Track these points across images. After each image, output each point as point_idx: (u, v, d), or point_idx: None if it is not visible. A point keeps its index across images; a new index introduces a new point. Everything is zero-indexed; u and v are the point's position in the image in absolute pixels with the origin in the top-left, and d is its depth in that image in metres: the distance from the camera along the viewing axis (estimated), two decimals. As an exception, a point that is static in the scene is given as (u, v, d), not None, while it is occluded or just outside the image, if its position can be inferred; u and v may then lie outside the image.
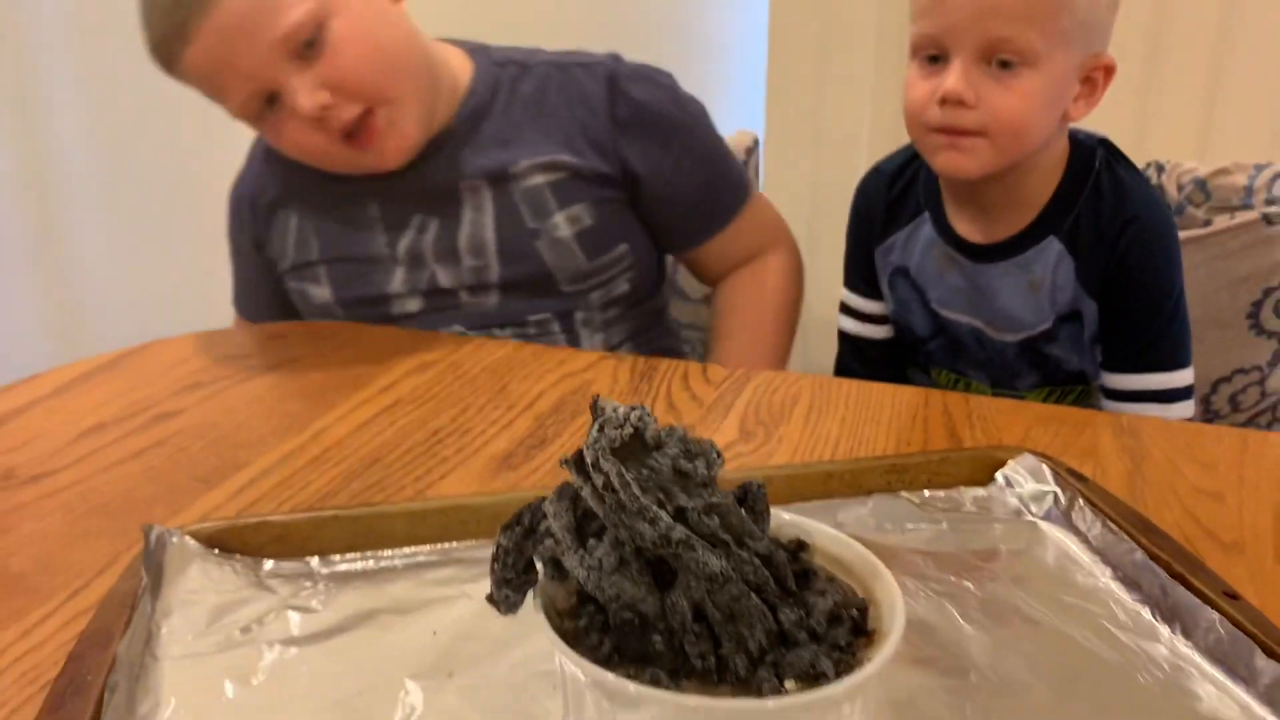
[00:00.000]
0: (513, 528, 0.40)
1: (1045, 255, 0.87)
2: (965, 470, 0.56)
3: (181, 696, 0.41)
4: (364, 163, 0.91)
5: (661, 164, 0.98)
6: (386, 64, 0.88)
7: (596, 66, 0.98)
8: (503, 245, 0.94)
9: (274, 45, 0.83)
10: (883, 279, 0.98)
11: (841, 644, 0.37)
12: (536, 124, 0.95)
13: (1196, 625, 0.44)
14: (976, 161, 0.82)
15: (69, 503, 0.58)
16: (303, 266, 0.97)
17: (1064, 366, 0.92)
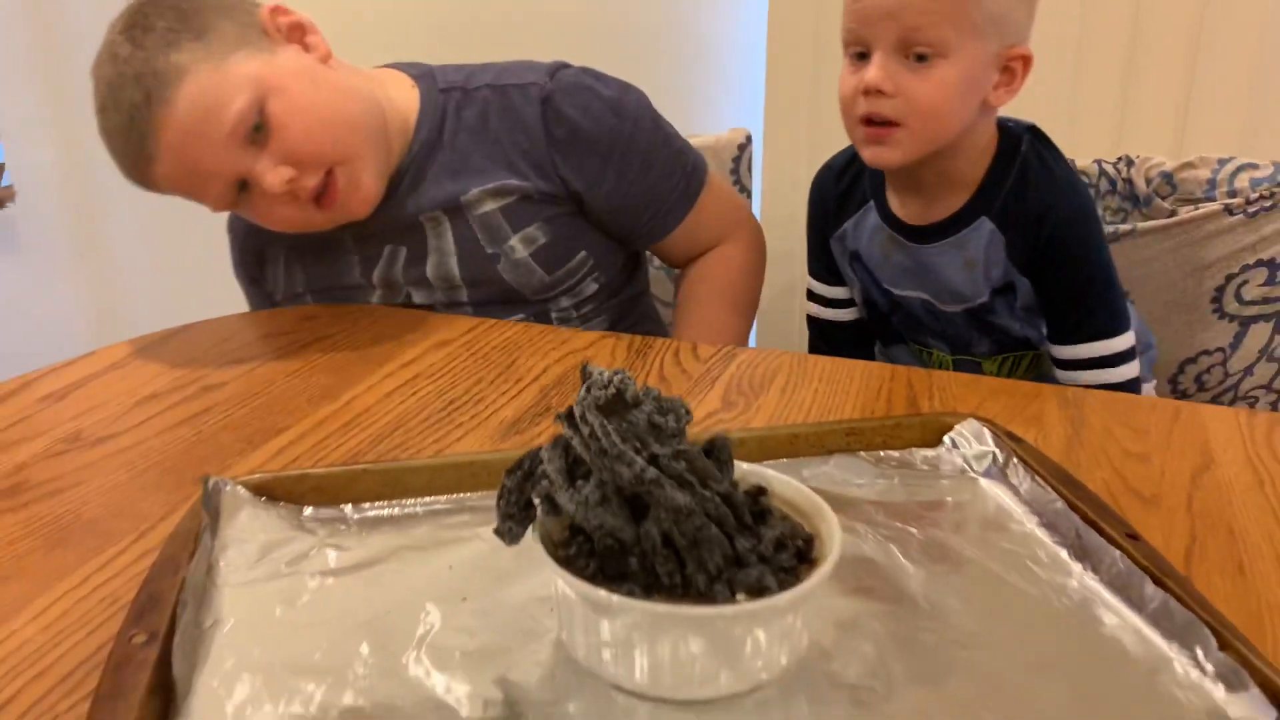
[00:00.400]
0: (515, 471, 0.48)
1: (978, 234, 0.94)
2: (917, 433, 0.64)
3: (239, 615, 0.49)
4: (338, 220, 0.96)
5: (603, 177, 1.01)
6: (331, 128, 0.91)
7: (530, 87, 0.99)
8: (466, 273, 1.00)
9: (227, 140, 0.87)
10: (841, 265, 1.06)
11: (786, 566, 0.45)
12: (482, 151, 0.99)
13: (1102, 562, 0.52)
14: (899, 151, 0.89)
15: (131, 461, 0.66)
16: (293, 297, 1.04)
17: (1011, 333, 0.99)
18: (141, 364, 0.81)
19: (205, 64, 0.85)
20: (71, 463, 0.66)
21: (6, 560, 0.55)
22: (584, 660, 0.45)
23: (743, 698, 0.44)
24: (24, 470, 0.65)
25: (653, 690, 0.44)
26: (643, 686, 0.44)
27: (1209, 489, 0.62)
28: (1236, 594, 0.52)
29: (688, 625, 0.42)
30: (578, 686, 0.45)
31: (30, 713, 0.44)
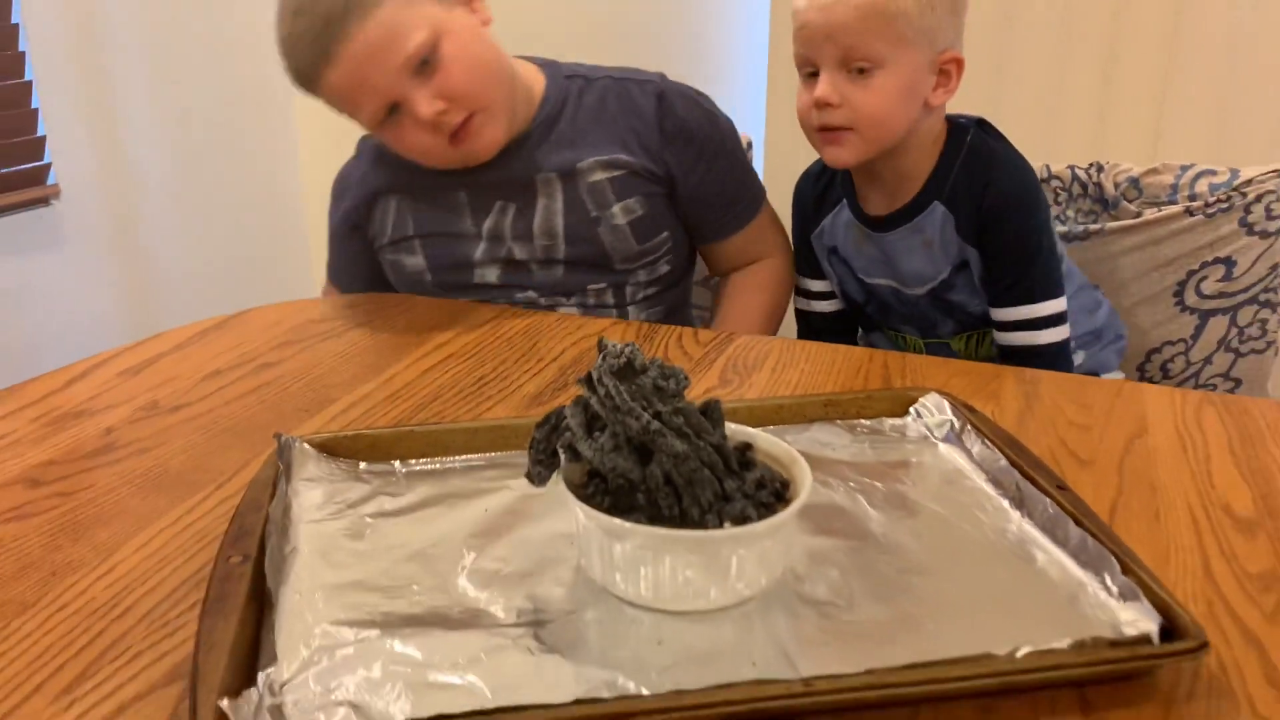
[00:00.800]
0: (543, 425, 0.57)
1: (933, 217, 1.05)
2: (886, 405, 0.74)
3: (313, 545, 0.59)
4: (462, 159, 1.10)
5: (695, 170, 1.17)
6: (484, 77, 1.07)
7: (648, 84, 1.16)
8: (569, 230, 1.13)
9: (399, 66, 1.01)
10: (821, 260, 1.17)
11: (765, 502, 0.54)
12: (598, 129, 1.14)
13: (1036, 509, 0.61)
14: (851, 151, 1.02)
15: (204, 425, 0.76)
16: (400, 241, 1.17)
17: (969, 310, 1.10)
18: (204, 344, 0.91)
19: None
20: (153, 426, 0.76)
21: (109, 504, 0.66)
22: (599, 579, 0.55)
23: (730, 610, 0.54)
24: (113, 433, 0.75)
25: (655, 603, 0.53)
26: (647, 600, 0.53)
27: (1139, 454, 0.71)
28: (1150, 537, 0.62)
29: (684, 547, 0.52)
30: (594, 600, 0.55)
31: (146, 618, 0.54)
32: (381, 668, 0.49)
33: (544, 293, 1.16)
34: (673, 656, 0.50)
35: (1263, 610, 0.55)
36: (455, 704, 0.45)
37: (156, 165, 1.91)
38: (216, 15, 1.97)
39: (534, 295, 1.16)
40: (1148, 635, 0.50)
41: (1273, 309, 1.23)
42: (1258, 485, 0.68)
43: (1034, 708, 0.47)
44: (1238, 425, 0.76)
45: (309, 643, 0.50)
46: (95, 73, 1.80)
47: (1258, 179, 1.20)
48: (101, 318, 1.87)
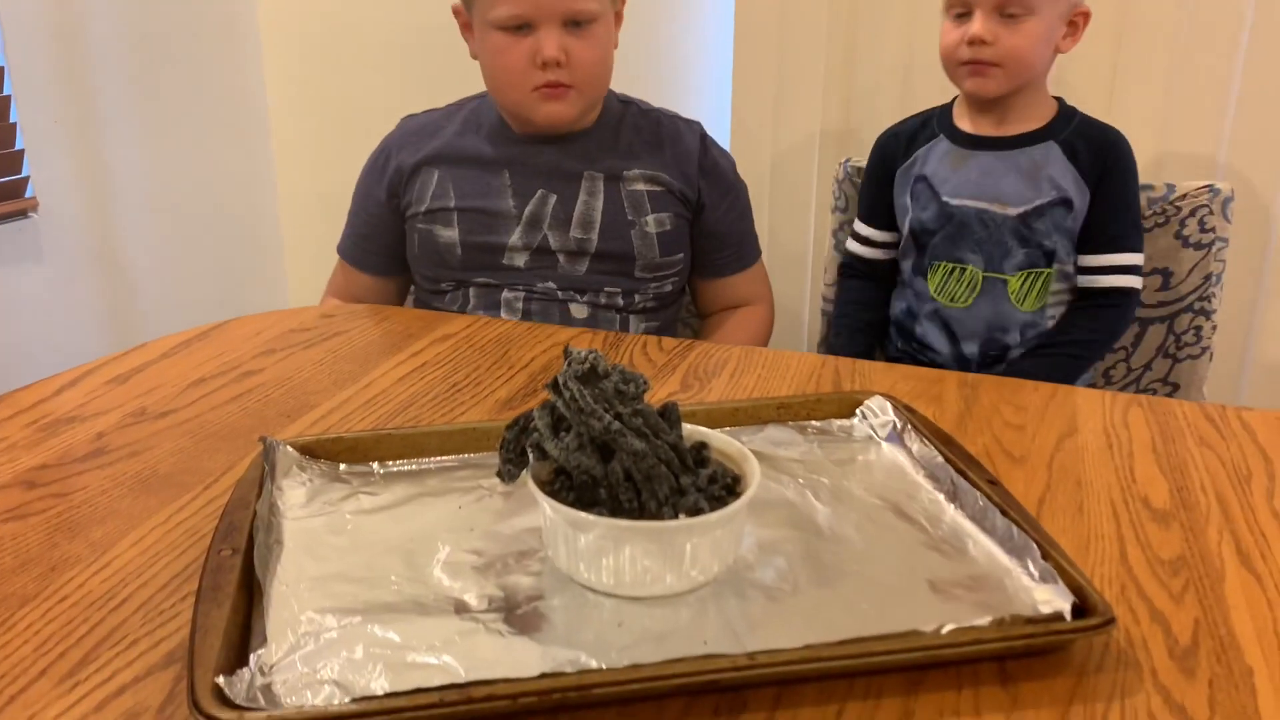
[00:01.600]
0: (513, 427, 0.62)
1: (1046, 152, 1.23)
2: (834, 407, 0.79)
3: (297, 540, 0.63)
4: (531, 110, 1.21)
5: (718, 207, 1.31)
6: (601, 72, 1.23)
7: (694, 124, 1.33)
8: (606, 225, 1.24)
9: (565, 11, 1.15)
10: (900, 196, 1.31)
11: (717, 496, 0.59)
12: (648, 149, 1.28)
13: (968, 501, 0.66)
14: (995, 84, 1.21)
15: (191, 430, 0.80)
16: (437, 211, 1.25)
17: (1044, 245, 1.23)
18: (188, 353, 0.95)
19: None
20: (142, 431, 0.80)
21: (102, 505, 0.69)
22: (564, 568, 0.59)
23: (685, 595, 0.58)
24: (103, 438, 0.79)
25: (616, 589, 0.58)
26: (609, 586, 0.58)
27: (1068, 451, 0.77)
28: (1073, 527, 0.67)
29: (642, 536, 0.56)
30: (560, 588, 0.59)
31: (143, 608, 0.58)
32: (363, 650, 0.53)
33: (562, 286, 1.24)
34: (632, 637, 0.55)
35: (1170, 592, 0.60)
36: (431, 680, 0.50)
37: (135, 178, 1.93)
38: (196, 29, 2.00)
39: (553, 287, 1.24)
40: (1060, 613, 0.55)
41: (1207, 316, 1.30)
42: (1175, 479, 0.73)
43: (958, 680, 0.52)
44: (1161, 425, 0.82)
45: (295, 629, 0.55)
46: (74, 86, 1.83)
47: (1191, 193, 1.27)
48: (81, 329, 1.89)
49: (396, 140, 1.31)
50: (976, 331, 1.27)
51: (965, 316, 1.26)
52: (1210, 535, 0.66)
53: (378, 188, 1.30)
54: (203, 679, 0.48)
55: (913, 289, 1.32)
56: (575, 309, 1.24)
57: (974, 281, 1.26)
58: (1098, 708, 0.50)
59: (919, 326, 1.31)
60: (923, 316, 1.30)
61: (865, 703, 0.51)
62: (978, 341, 1.27)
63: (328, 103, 2.12)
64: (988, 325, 1.26)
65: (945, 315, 1.28)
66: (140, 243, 1.96)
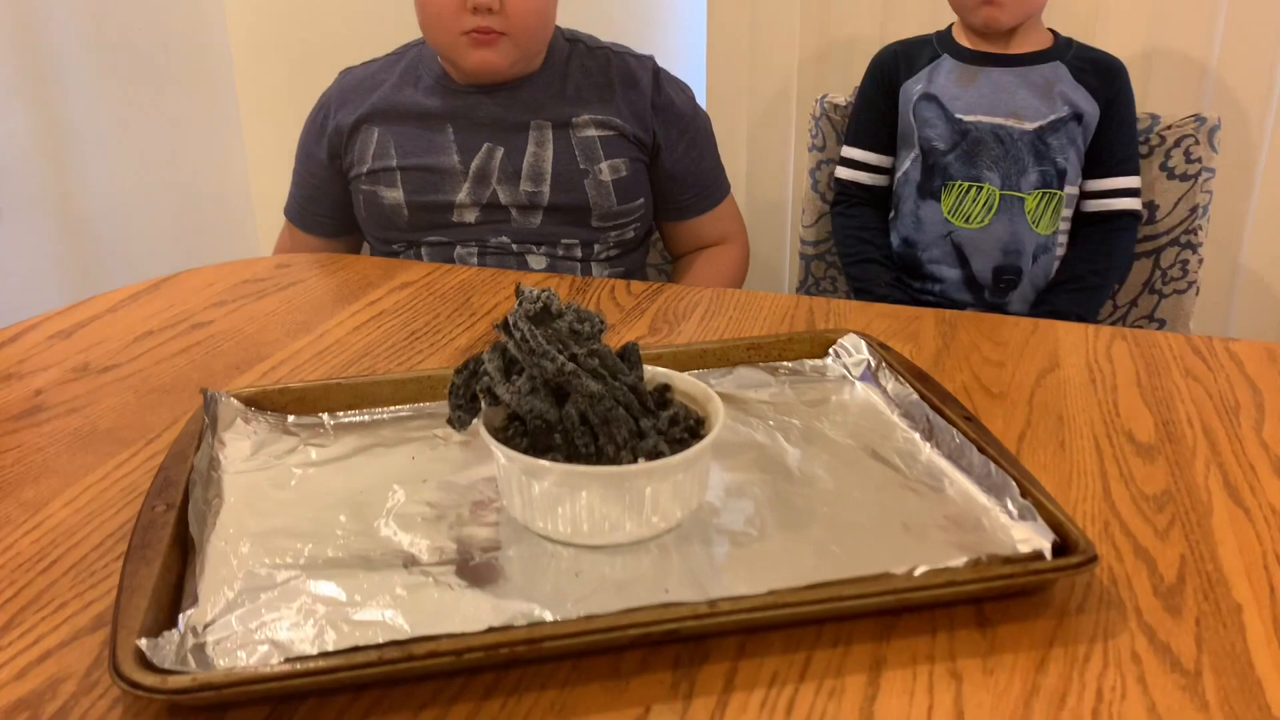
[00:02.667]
0: (462, 371, 0.59)
1: (1055, 71, 1.23)
2: (806, 347, 0.75)
3: (238, 495, 0.60)
4: (460, 56, 1.14)
5: (676, 146, 1.24)
6: (537, 24, 1.15)
7: (646, 60, 1.25)
8: (557, 176, 1.18)
9: None
10: (909, 112, 1.27)
11: (679, 439, 0.56)
12: (597, 92, 1.20)
13: (943, 439, 0.64)
14: (1008, 14, 1.21)
15: (135, 385, 0.77)
16: (379, 171, 1.19)
17: (1058, 162, 1.22)
18: (136, 306, 0.91)
19: None
20: (83, 387, 0.76)
21: (36, 463, 0.66)
22: (520, 517, 0.56)
23: (647, 542, 0.55)
24: (41, 395, 0.75)
25: (574, 538, 0.55)
26: (566, 535, 0.55)
27: (1049, 387, 0.74)
28: (1054, 464, 0.64)
29: (598, 482, 0.53)
30: (515, 538, 0.56)
31: (73, 569, 0.55)
32: (303, 608, 0.50)
33: (517, 239, 1.19)
34: (589, 587, 0.52)
35: (1155, 528, 0.58)
36: (374, 638, 0.47)
37: (94, 133, 1.87)
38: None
39: (507, 241, 1.19)
40: (1040, 551, 0.52)
41: (1193, 250, 1.27)
42: (1160, 413, 0.70)
43: (933, 624, 0.50)
44: (1146, 358, 0.79)
45: (232, 586, 0.51)
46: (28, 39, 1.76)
47: (1176, 124, 1.23)
48: (41, 286, 1.84)
49: (335, 97, 1.24)
50: (990, 253, 1.24)
51: (980, 237, 1.24)
52: (1197, 469, 0.64)
53: (318, 148, 1.24)
54: (126, 642, 0.45)
55: (916, 215, 1.29)
56: (533, 260, 1.19)
57: (990, 201, 1.24)
58: (1079, 649, 0.48)
59: (924, 254, 1.28)
60: (929, 243, 1.27)
61: (834, 650, 0.48)
62: (990, 264, 1.24)
63: (292, 49, 2.05)
64: (1003, 247, 1.23)
65: (958, 239, 1.24)
66: (102, 201, 1.90)
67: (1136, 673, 0.46)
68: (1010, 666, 0.47)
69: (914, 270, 1.29)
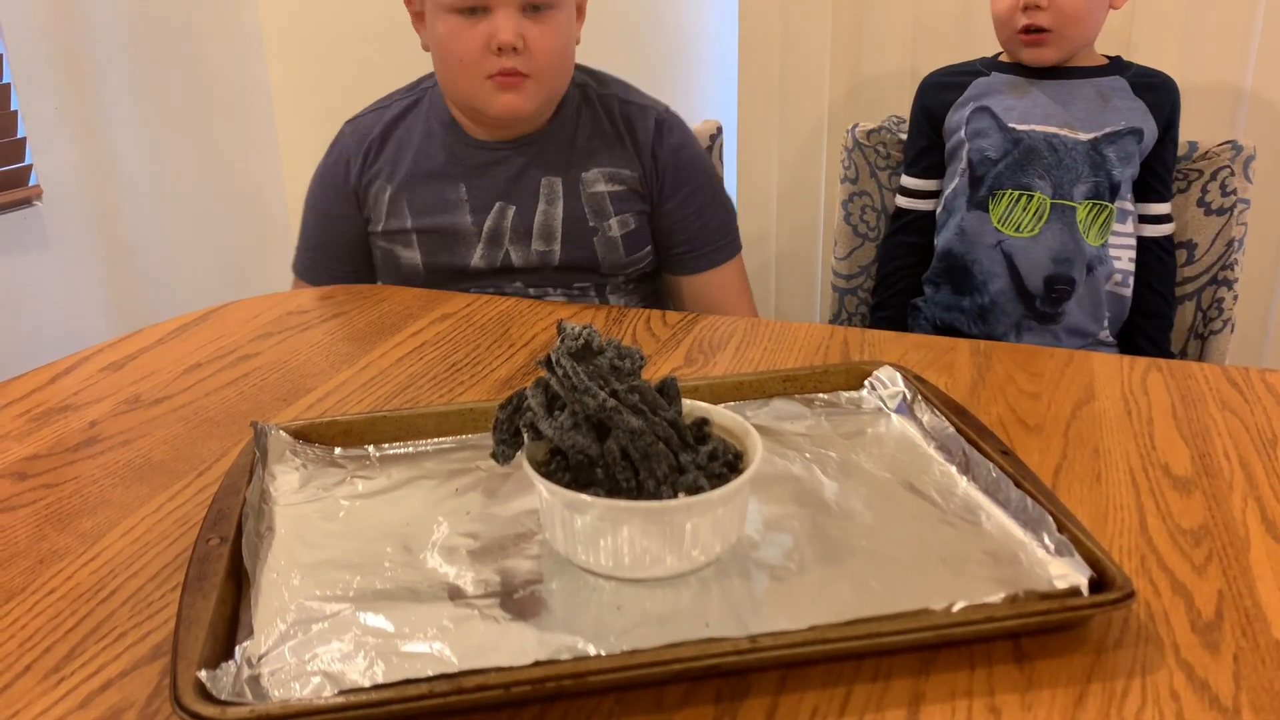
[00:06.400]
0: (506, 406, 0.60)
1: (1114, 83, 1.23)
2: (842, 379, 0.76)
3: (289, 527, 0.62)
4: (485, 102, 1.13)
5: (673, 195, 1.22)
6: (561, 65, 1.14)
7: (650, 109, 1.22)
8: (567, 234, 1.17)
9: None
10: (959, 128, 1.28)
11: (718, 473, 0.57)
12: (605, 141, 1.19)
13: (980, 473, 0.64)
14: (1053, 51, 1.22)
15: (185, 417, 0.79)
16: (395, 232, 1.19)
17: (1114, 174, 1.22)
18: (184, 338, 0.94)
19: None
20: (135, 419, 0.78)
21: (93, 495, 0.68)
22: (563, 550, 0.58)
23: (687, 576, 0.56)
24: (97, 426, 0.77)
25: (615, 571, 0.56)
26: (607, 569, 0.56)
27: (1085, 419, 0.74)
28: (1090, 498, 0.65)
29: (640, 517, 0.54)
30: (558, 571, 0.57)
31: (131, 600, 0.57)
32: (353, 639, 0.51)
33: (532, 284, 1.19)
34: (631, 621, 0.53)
35: (1193, 562, 0.58)
36: (422, 670, 0.48)
37: (138, 163, 1.92)
38: (197, 12, 1.98)
39: (521, 285, 1.19)
40: (1077, 587, 0.52)
41: (1229, 286, 1.26)
42: (1196, 445, 0.71)
43: (971, 659, 0.50)
44: (1181, 389, 0.79)
45: (285, 618, 0.53)
46: (75, 73, 1.81)
47: (1213, 150, 1.23)
48: (87, 316, 1.88)
49: (351, 148, 1.22)
50: (1041, 263, 1.23)
51: (1031, 246, 1.23)
52: (1234, 503, 0.64)
53: (341, 202, 1.22)
54: (186, 673, 0.47)
55: (962, 227, 1.28)
56: (550, 300, 1.19)
57: (1041, 209, 1.23)
58: (1117, 685, 0.48)
59: (974, 264, 1.27)
60: (978, 254, 1.26)
61: (874, 685, 0.49)
62: (1042, 273, 1.23)
63: (332, 84, 2.09)
64: (1054, 256, 1.22)
65: (1008, 248, 1.24)
66: (146, 230, 1.95)
67: (1175, 709, 0.47)
68: (1048, 702, 0.47)
69: (962, 281, 1.29)
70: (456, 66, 1.12)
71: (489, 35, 1.08)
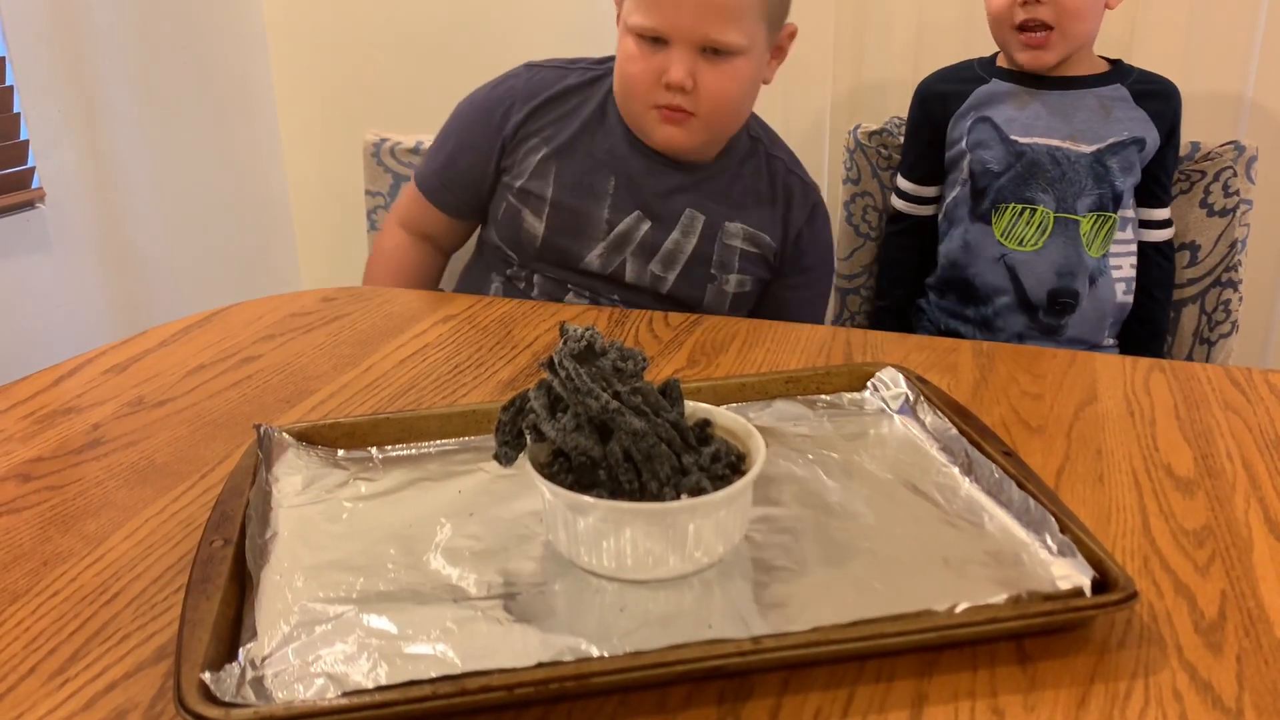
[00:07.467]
0: (508, 408, 0.60)
1: (1116, 92, 1.22)
2: (844, 380, 0.76)
3: (291, 528, 0.62)
4: (648, 129, 1.13)
5: (797, 279, 1.23)
6: (732, 111, 1.13)
7: (811, 189, 1.23)
8: (687, 271, 1.17)
9: (704, 32, 1.06)
10: (960, 139, 1.27)
11: (721, 475, 0.57)
12: (758, 201, 1.19)
13: (983, 474, 0.64)
14: (1052, 53, 1.19)
15: (189, 419, 0.79)
16: (531, 194, 1.17)
17: (1116, 185, 1.21)
18: (187, 340, 0.94)
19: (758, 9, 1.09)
20: (139, 421, 0.79)
21: (97, 496, 0.68)
22: (565, 552, 0.58)
23: (690, 577, 0.57)
24: (100, 428, 0.78)
25: (618, 573, 0.56)
26: (610, 570, 0.56)
27: (1087, 420, 0.74)
28: (1093, 498, 0.65)
29: (643, 519, 0.55)
30: (561, 573, 0.57)
31: (134, 602, 0.57)
32: (357, 641, 0.51)
33: (626, 301, 1.18)
34: (635, 622, 0.53)
35: (1196, 563, 0.58)
36: (426, 671, 0.48)
37: (141, 166, 1.92)
38: (199, 13, 1.99)
39: (618, 300, 1.18)
40: (1080, 588, 0.53)
41: (1234, 288, 1.26)
42: (1199, 446, 0.71)
43: (974, 660, 0.50)
44: (1184, 390, 0.79)
45: (288, 619, 0.53)
46: (77, 75, 1.81)
47: (1216, 151, 1.23)
48: (90, 319, 1.88)
49: (521, 94, 1.19)
50: (1044, 276, 1.23)
51: (1035, 260, 1.23)
52: (1237, 504, 0.64)
53: (486, 140, 1.20)
54: (189, 675, 0.47)
55: (966, 240, 1.28)
56: None
57: (1045, 223, 1.23)
58: (1120, 686, 0.48)
59: (976, 277, 1.27)
60: (981, 266, 1.26)
61: (876, 686, 0.49)
62: (1045, 286, 1.23)
63: (335, 85, 2.10)
64: (1057, 270, 1.22)
65: (1011, 261, 1.24)
66: (149, 232, 1.95)
67: (1178, 710, 0.47)
68: (1051, 703, 0.47)
69: (966, 292, 1.29)
70: (628, 89, 1.12)
71: (662, 69, 1.08)
